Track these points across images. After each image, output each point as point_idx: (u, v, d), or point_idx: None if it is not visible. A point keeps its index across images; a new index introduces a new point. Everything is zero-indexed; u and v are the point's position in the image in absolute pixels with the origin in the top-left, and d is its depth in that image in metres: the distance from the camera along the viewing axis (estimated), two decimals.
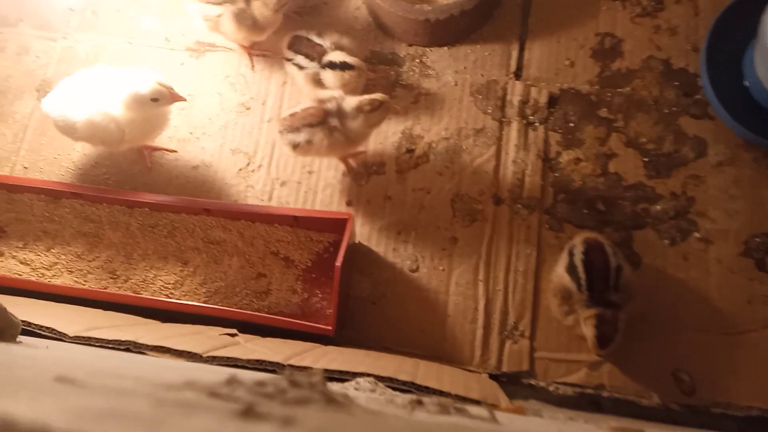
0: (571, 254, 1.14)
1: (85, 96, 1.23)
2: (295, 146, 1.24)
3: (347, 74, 1.29)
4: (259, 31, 1.36)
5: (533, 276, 1.23)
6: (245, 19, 1.32)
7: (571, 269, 1.13)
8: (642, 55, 1.36)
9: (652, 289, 1.21)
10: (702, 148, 1.30)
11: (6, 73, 1.52)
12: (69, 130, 1.27)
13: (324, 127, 1.21)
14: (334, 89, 1.30)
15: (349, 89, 1.32)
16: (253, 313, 1.20)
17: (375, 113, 1.20)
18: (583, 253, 1.12)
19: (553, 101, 1.35)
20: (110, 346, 0.87)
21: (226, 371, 0.62)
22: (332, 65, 1.29)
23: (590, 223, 1.26)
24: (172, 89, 1.22)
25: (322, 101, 1.23)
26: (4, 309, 0.60)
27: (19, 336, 0.78)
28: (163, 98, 1.22)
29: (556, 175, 1.30)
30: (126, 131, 1.24)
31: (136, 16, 1.52)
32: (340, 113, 1.21)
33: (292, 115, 1.25)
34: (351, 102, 1.21)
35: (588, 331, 1.10)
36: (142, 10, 1.53)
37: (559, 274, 1.16)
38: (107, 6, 1.54)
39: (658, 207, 1.26)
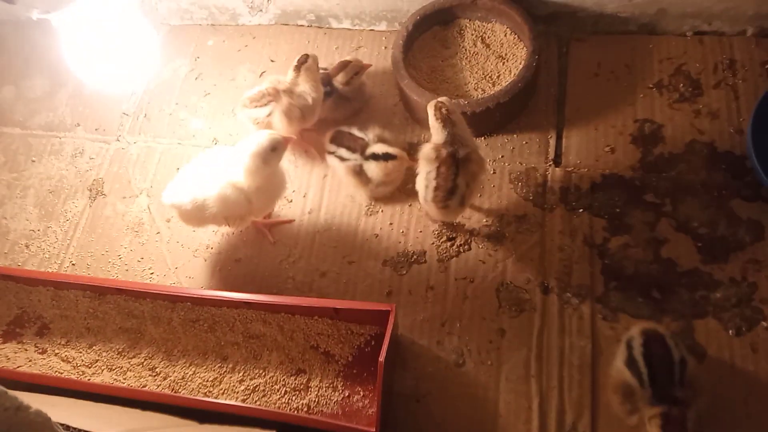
0: (629, 347, 1.07)
1: (207, 176, 1.27)
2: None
3: (390, 164, 1.32)
4: (308, 117, 1.41)
5: (590, 370, 1.15)
6: (293, 112, 1.38)
7: (631, 363, 1.05)
8: (684, 140, 1.35)
9: (721, 384, 1.12)
10: (758, 230, 1.24)
11: (60, 174, 1.60)
12: (198, 213, 1.27)
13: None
14: (377, 181, 1.34)
15: (392, 178, 1.37)
16: (292, 414, 1.15)
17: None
18: (643, 346, 1.05)
19: (595, 187, 1.33)
20: None
21: None
22: (375, 156, 1.32)
23: (646, 313, 1.19)
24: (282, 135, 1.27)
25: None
26: (48, 419, 0.58)
27: None
28: (279, 145, 1.25)
29: (606, 261, 1.25)
30: (253, 200, 1.26)
31: (186, 119, 1.61)
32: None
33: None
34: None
35: (654, 431, 1.01)
36: (191, 114, 1.62)
37: (618, 368, 1.08)
38: (159, 110, 1.64)
39: (718, 294, 1.19)
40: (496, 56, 1.49)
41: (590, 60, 1.49)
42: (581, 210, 1.31)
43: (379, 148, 1.32)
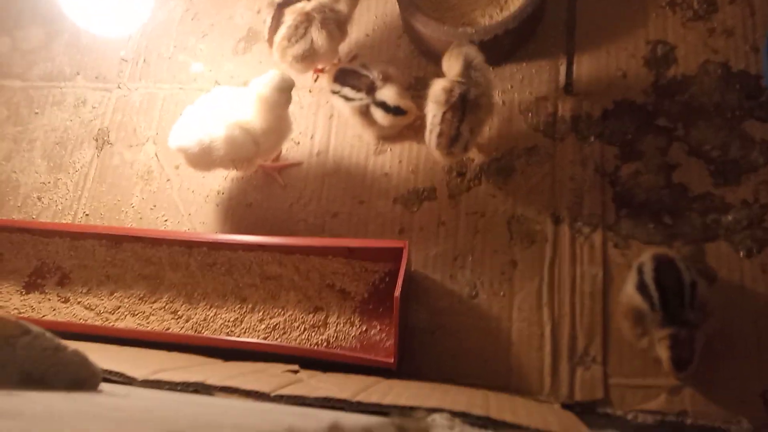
0: (640, 272, 1.09)
1: (212, 118, 1.24)
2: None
3: (398, 118, 1.30)
4: (344, 28, 1.36)
5: (601, 297, 1.17)
6: (331, 25, 1.32)
7: (642, 288, 1.07)
8: (698, 60, 1.31)
9: (731, 305, 1.13)
10: None
11: (65, 125, 1.59)
12: (205, 156, 1.25)
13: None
14: (384, 126, 1.32)
15: (399, 129, 1.35)
16: (313, 349, 1.19)
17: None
18: (654, 270, 1.07)
19: (607, 114, 1.31)
20: (179, 388, 0.87)
21: (325, 417, 0.60)
22: (385, 107, 1.29)
23: (658, 239, 1.20)
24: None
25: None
26: (86, 358, 0.60)
27: None
28: (291, 84, 1.24)
29: (617, 189, 1.25)
30: (260, 142, 1.25)
31: (185, 62, 1.58)
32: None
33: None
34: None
35: (663, 353, 1.04)
36: (191, 56, 1.58)
37: (629, 294, 1.10)
38: (157, 55, 1.60)
39: (730, 217, 1.19)
40: None
41: None
42: (592, 138, 1.30)
43: (390, 99, 1.29)
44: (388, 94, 1.29)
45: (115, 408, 0.49)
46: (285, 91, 1.24)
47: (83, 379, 0.59)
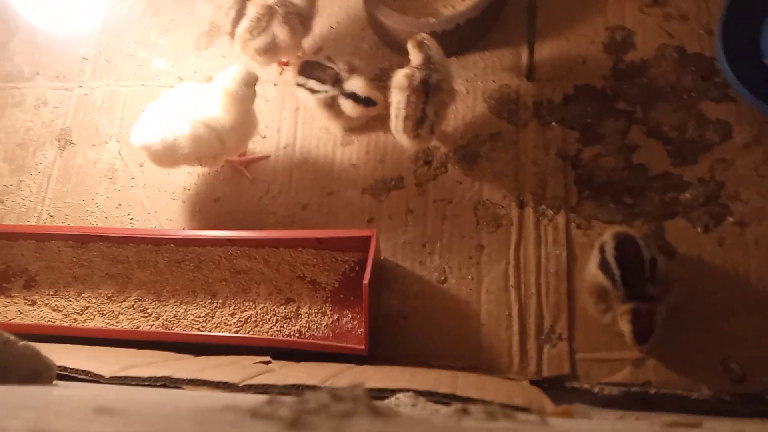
0: (602, 251, 1.11)
1: (176, 115, 1.23)
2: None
3: (368, 109, 1.31)
4: (307, 24, 1.36)
5: (566, 277, 1.20)
6: (293, 20, 1.31)
7: (604, 266, 1.10)
8: (655, 44, 1.34)
9: (691, 279, 1.17)
10: (726, 130, 1.27)
11: (26, 126, 1.56)
12: (169, 154, 1.23)
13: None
14: (352, 117, 1.33)
15: (366, 120, 1.36)
16: (284, 339, 1.19)
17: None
18: (615, 248, 1.09)
19: (568, 99, 1.34)
20: (147, 383, 0.86)
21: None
22: (356, 98, 1.30)
23: (619, 218, 1.23)
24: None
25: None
26: (38, 352, 0.60)
27: (55, 381, 0.78)
28: (254, 78, 1.24)
29: (579, 172, 1.27)
30: (226, 139, 1.24)
31: (147, 58, 1.56)
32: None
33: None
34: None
35: (625, 326, 1.07)
36: (152, 53, 1.56)
37: (592, 272, 1.13)
38: (118, 52, 1.58)
39: (687, 194, 1.23)
40: None
41: None
42: (554, 123, 1.32)
43: (360, 90, 1.29)
44: (357, 84, 1.30)
45: (65, 395, 0.49)
46: (250, 85, 1.23)
47: (38, 372, 0.58)
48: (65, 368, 0.90)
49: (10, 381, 0.54)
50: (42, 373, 0.59)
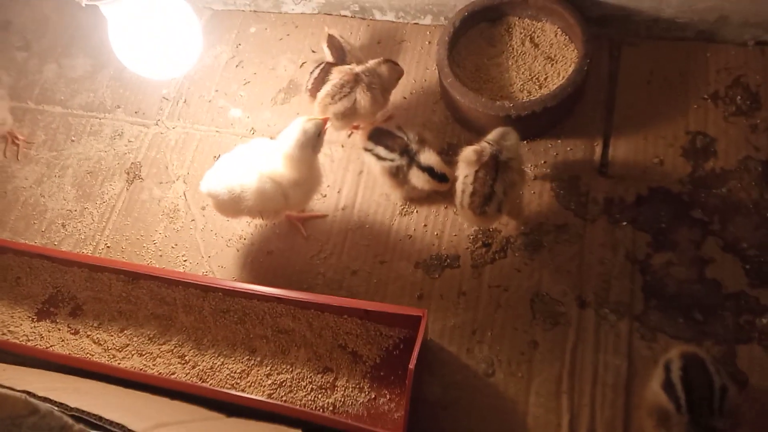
0: (667, 369, 1.03)
1: (246, 168, 1.25)
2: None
3: (440, 185, 1.31)
4: (387, 95, 1.40)
5: (624, 390, 1.12)
6: (376, 89, 1.35)
7: (669, 387, 1.02)
8: (738, 156, 1.29)
9: (763, 415, 1.07)
10: None
11: (99, 155, 1.62)
12: (233, 205, 1.26)
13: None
14: (420, 188, 1.32)
15: (429, 192, 1.36)
16: (319, 414, 1.15)
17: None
18: (682, 369, 1.02)
19: (641, 200, 1.29)
20: None
21: None
22: (432, 173, 1.29)
23: (687, 335, 1.15)
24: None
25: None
26: None
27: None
28: (320, 129, 1.25)
29: (647, 278, 1.21)
30: (290, 195, 1.26)
31: (225, 106, 1.60)
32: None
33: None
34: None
35: None
36: (230, 102, 1.61)
37: (654, 391, 1.05)
38: (198, 96, 1.63)
39: (765, 320, 1.14)
40: (544, 57, 1.45)
41: (642, 66, 1.43)
42: (625, 223, 1.27)
43: (437, 165, 1.29)
44: (433, 159, 1.30)
45: None
46: (308, 144, 1.24)
47: None
48: (101, 418, 0.88)
49: None
50: None
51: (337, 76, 1.35)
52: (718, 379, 1.01)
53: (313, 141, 1.24)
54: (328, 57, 1.46)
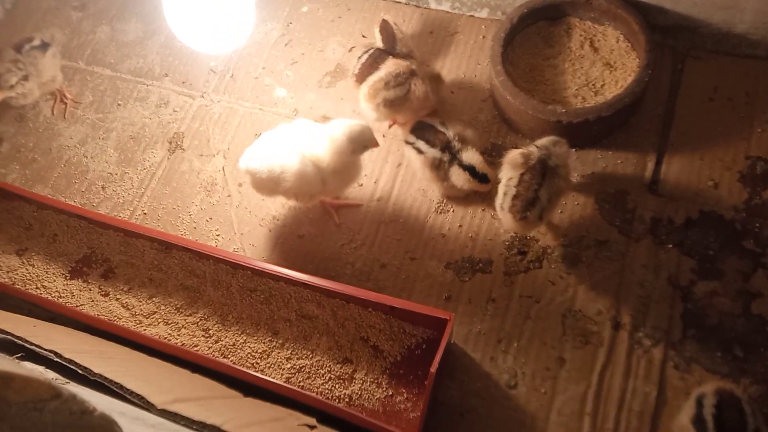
0: (699, 404, 0.99)
1: (288, 149, 1.24)
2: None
3: (481, 186, 1.28)
4: (434, 97, 1.38)
5: (650, 420, 1.08)
6: (427, 88, 1.34)
7: (699, 423, 0.98)
8: None
9: None
10: None
11: (143, 122, 1.63)
12: (271, 184, 1.26)
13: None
14: (459, 187, 1.30)
15: (468, 192, 1.33)
16: (335, 405, 1.14)
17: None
18: (715, 407, 0.97)
19: (690, 223, 1.23)
20: (195, 427, 0.83)
21: None
22: (473, 173, 1.27)
23: (724, 370, 1.10)
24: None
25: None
26: (113, 422, 0.57)
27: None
28: (372, 141, 1.24)
29: (689, 306, 1.16)
30: (328, 181, 1.25)
31: (270, 85, 1.59)
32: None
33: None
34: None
35: None
36: (276, 80, 1.60)
37: (682, 424, 1.01)
38: (245, 72, 1.62)
39: None
40: (603, 63, 1.39)
41: (706, 82, 1.36)
42: (670, 246, 1.22)
43: (479, 165, 1.26)
44: (475, 158, 1.27)
45: None
46: (354, 142, 1.22)
47: None
48: (122, 387, 0.89)
49: None
50: None
51: (393, 65, 1.32)
52: (753, 422, 0.96)
53: (361, 144, 1.23)
54: (379, 42, 1.43)
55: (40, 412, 0.49)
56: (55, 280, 1.41)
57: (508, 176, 1.19)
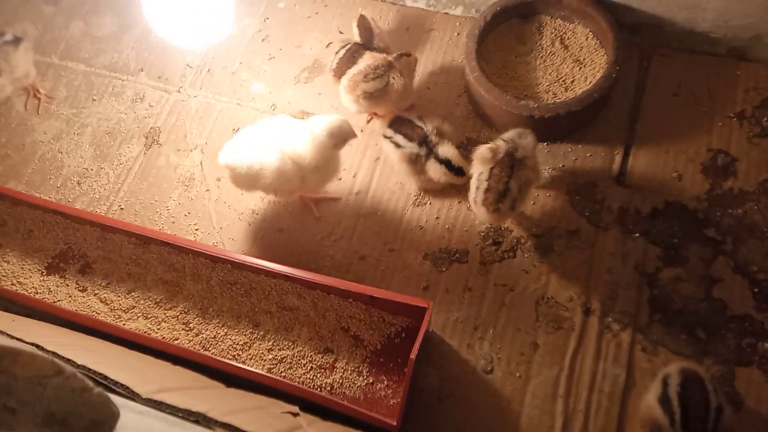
0: (665, 384, 1.05)
1: (267, 145, 1.25)
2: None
3: (457, 179, 1.31)
4: (411, 89, 1.42)
5: (619, 400, 1.13)
6: (406, 81, 1.37)
7: (665, 401, 1.03)
8: (758, 178, 1.28)
9: None
10: None
11: (119, 117, 1.62)
12: (250, 180, 1.27)
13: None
14: (436, 180, 1.33)
15: (445, 185, 1.36)
16: (317, 393, 1.16)
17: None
18: (680, 386, 1.03)
19: (656, 213, 1.29)
20: (180, 415, 0.85)
21: None
22: (449, 166, 1.30)
23: (688, 351, 1.16)
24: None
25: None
26: (108, 399, 0.59)
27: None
28: (351, 135, 1.26)
29: (655, 292, 1.21)
30: (308, 179, 1.26)
31: (247, 80, 1.60)
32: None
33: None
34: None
35: None
36: (253, 76, 1.60)
37: (649, 403, 1.06)
38: (222, 68, 1.63)
39: (767, 345, 1.15)
40: (573, 59, 1.43)
41: (671, 78, 1.42)
42: (637, 234, 1.27)
43: (455, 158, 1.30)
44: (451, 152, 1.30)
45: None
46: (334, 137, 1.24)
47: (101, 420, 0.57)
48: (106, 377, 0.89)
49: (75, 430, 0.53)
50: (105, 422, 0.58)
51: (371, 58, 1.35)
52: (715, 399, 1.01)
53: (341, 138, 1.25)
54: (356, 37, 1.45)
55: (44, 388, 0.50)
56: (31, 276, 1.40)
57: (478, 171, 1.23)
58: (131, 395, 0.87)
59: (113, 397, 0.84)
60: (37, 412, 0.50)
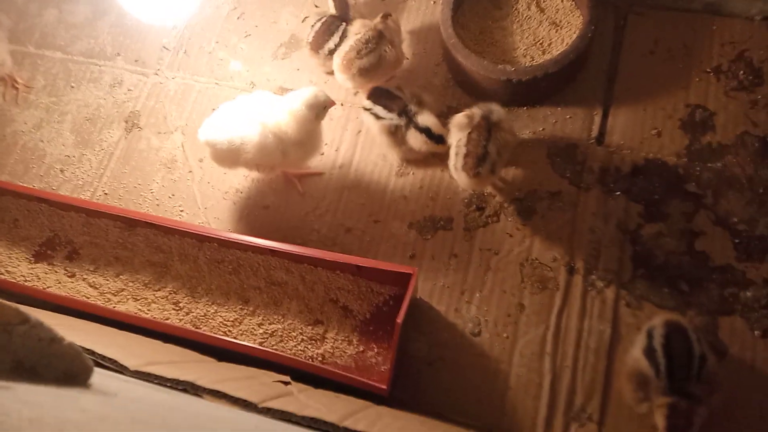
0: (650, 336, 1.06)
1: (248, 120, 1.24)
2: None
3: (437, 147, 1.30)
4: (401, 55, 1.42)
5: (606, 355, 1.15)
6: (397, 48, 1.38)
7: (650, 353, 1.05)
8: (736, 131, 1.29)
9: (739, 384, 1.10)
10: None
11: (97, 103, 1.61)
12: (231, 155, 1.26)
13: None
14: (417, 149, 1.33)
15: (426, 154, 1.36)
16: (307, 362, 1.17)
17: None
18: (664, 337, 1.04)
19: (636, 171, 1.29)
20: (168, 384, 0.86)
21: None
22: (430, 134, 1.29)
23: (671, 304, 1.17)
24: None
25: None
26: (80, 353, 0.59)
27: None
28: (330, 103, 1.26)
29: (637, 248, 1.23)
30: (290, 153, 1.26)
31: (225, 59, 1.59)
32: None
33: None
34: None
35: (660, 420, 1.01)
36: (230, 54, 1.60)
37: (635, 356, 1.07)
38: (199, 48, 1.62)
39: (749, 294, 1.16)
40: (549, 22, 1.43)
41: (647, 36, 1.42)
42: (618, 193, 1.28)
43: (434, 126, 1.29)
44: (431, 121, 1.30)
45: (101, 418, 0.48)
46: (313, 109, 1.24)
47: (75, 373, 0.58)
48: (93, 352, 0.90)
49: (46, 380, 0.54)
50: (79, 375, 0.58)
51: (361, 30, 1.34)
52: (698, 348, 1.03)
53: (320, 108, 1.25)
54: (332, 10, 1.44)
55: (9, 335, 0.50)
56: (19, 265, 1.40)
57: (456, 138, 1.23)
58: (119, 368, 0.88)
59: (102, 371, 0.85)
60: (2, 359, 0.50)
